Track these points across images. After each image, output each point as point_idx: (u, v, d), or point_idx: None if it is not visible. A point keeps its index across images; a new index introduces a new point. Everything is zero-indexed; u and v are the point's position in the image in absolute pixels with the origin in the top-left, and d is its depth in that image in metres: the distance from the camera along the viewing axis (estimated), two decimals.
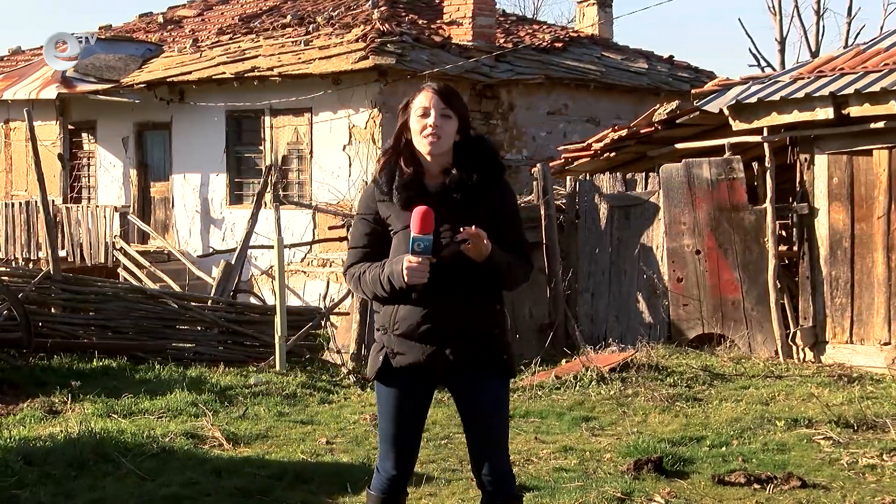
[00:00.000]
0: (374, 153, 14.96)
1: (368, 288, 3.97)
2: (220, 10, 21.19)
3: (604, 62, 17.92)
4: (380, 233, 4.01)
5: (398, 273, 3.81)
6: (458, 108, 3.97)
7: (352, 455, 7.03)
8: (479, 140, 4.05)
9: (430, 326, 3.91)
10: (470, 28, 16.40)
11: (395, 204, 3.94)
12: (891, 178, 9.92)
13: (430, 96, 3.94)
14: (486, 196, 3.95)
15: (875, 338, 10.06)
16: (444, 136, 3.92)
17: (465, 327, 3.93)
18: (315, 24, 17.08)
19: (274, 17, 18.69)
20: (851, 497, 5.92)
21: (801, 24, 28.87)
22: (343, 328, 11.29)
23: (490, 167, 4.00)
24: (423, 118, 3.93)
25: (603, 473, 6.46)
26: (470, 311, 3.94)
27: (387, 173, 3.98)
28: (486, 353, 4.01)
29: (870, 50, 10.65)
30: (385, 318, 4.00)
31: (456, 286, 3.89)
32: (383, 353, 4.01)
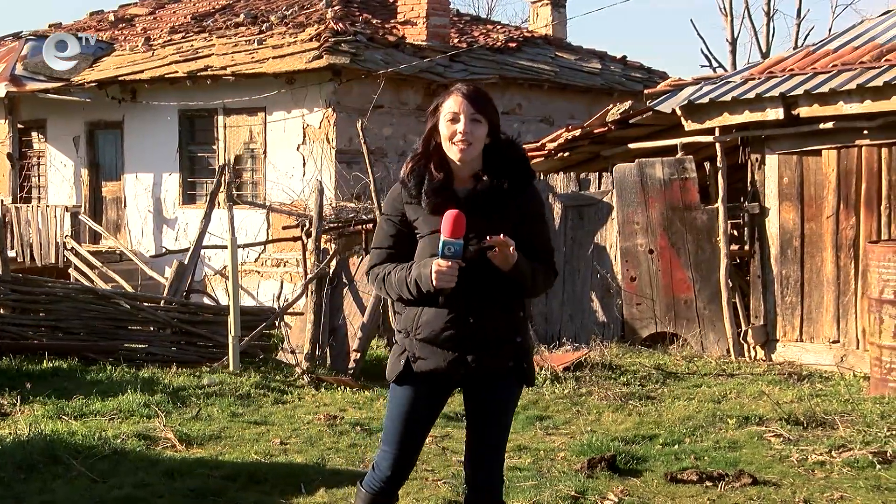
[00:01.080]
0: (328, 153, 14.91)
1: (394, 289, 3.92)
2: (173, 9, 21.03)
3: (558, 62, 17.99)
4: (405, 234, 3.96)
5: (426, 276, 3.77)
6: (489, 111, 3.91)
7: (306, 455, 7.00)
8: (508, 144, 4.00)
9: (454, 332, 3.87)
10: (424, 28, 16.40)
11: (422, 208, 3.89)
12: (839, 178, 10.04)
13: (459, 101, 3.88)
14: (515, 202, 3.91)
15: (824, 336, 10.18)
16: (474, 143, 3.87)
17: (489, 334, 3.90)
18: (269, 24, 17.00)
19: (227, 16, 18.57)
20: (801, 493, 5.99)
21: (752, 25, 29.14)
22: (297, 328, 11.25)
23: (519, 173, 3.96)
24: (452, 123, 3.87)
25: (557, 472, 6.48)
26: (494, 318, 3.91)
27: (416, 176, 3.92)
28: (507, 361, 3.98)
29: (819, 51, 10.78)
30: (407, 322, 3.95)
31: (481, 292, 3.86)
32: (405, 356, 3.96)
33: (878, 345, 8.95)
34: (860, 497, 5.92)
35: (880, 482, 6.18)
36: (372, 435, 7.64)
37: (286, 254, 15.22)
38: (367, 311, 10.70)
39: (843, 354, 9.99)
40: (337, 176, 14.61)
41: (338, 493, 6.07)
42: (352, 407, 8.75)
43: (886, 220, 9.74)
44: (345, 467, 6.72)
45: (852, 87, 9.57)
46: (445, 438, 7.57)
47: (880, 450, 6.73)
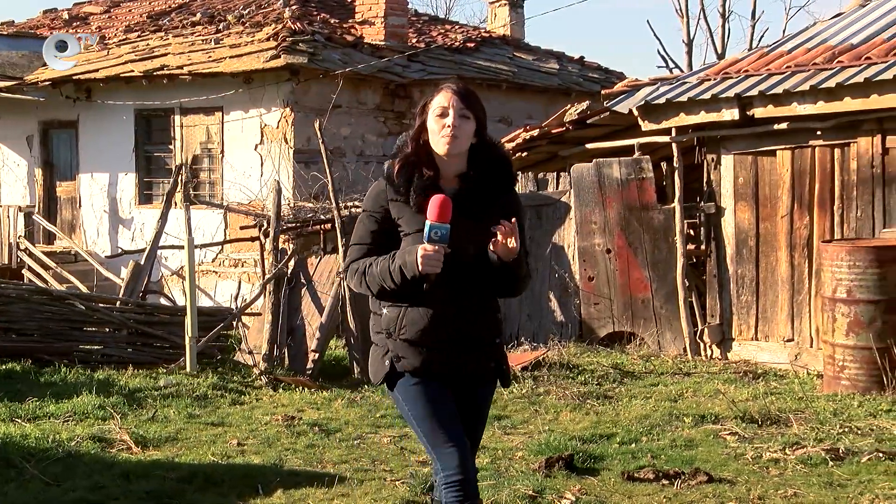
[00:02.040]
0: (286, 153, 14.85)
1: (376, 281, 3.86)
2: (128, 8, 20.85)
3: (516, 62, 18.03)
4: (386, 231, 3.93)
5: (412, 262, 3.73)
6: (477, 109, 3.91)
7: (263, 456, 6.98)
8: (493, 146, 4.00)
9: (438, 333, 3.86)
10: (382, 28, 16.37)
11: (409, 206, 3.87)
12: (794, 179, 10.15)
13: (449, 96, 3.89)
14: (498, 203, 3.93)
15: (779, 335, 10.28)
16: (462, 137, 3.87)
17: (474, 336, 3.91)
18: (226, 23, 16.90)
19: (183, 15, 18.44)
20: (756, 490, 6.05)
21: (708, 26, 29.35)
22: (255, 329, 11.20)
23: (502, 175, 3.97)
24: (441, 118, 3.87)
25: (515, 472, 6.50)
26: (478, 319, 3.91)
27: (404, 174, 3.89)
28: (490, 362, 3.99)
29: (773, 53, 10.88)
30: (389, 322, 3.91)
31: (464, 292, 3.86)
32: (388, 357, 3.93)
33: (831, 343, 9.05)
34: (813, 493, 5.99)
35: (833, 479, 6.25)
36: (330, 435, 7.63)
37: (244, 254, 15.15)
38: (325, 311, 10.67)
39: (797, 353, 10.09)
40: (295, 176, 14.56)
41: (295, 494, 6.05)
42: (310, 407, 8.73)
43: (839, 219, 9.85)
44: (302, 468, 6.70)
45: (806, 88, 9.67)
46: (403, 438, 7.58)
47: (833, 447, 6.82)
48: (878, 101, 9.27)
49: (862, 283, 8.86)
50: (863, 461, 6.53)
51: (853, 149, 9.74)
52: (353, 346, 10.56)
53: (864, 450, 6.74)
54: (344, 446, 7.30)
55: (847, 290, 8.91)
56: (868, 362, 8.76)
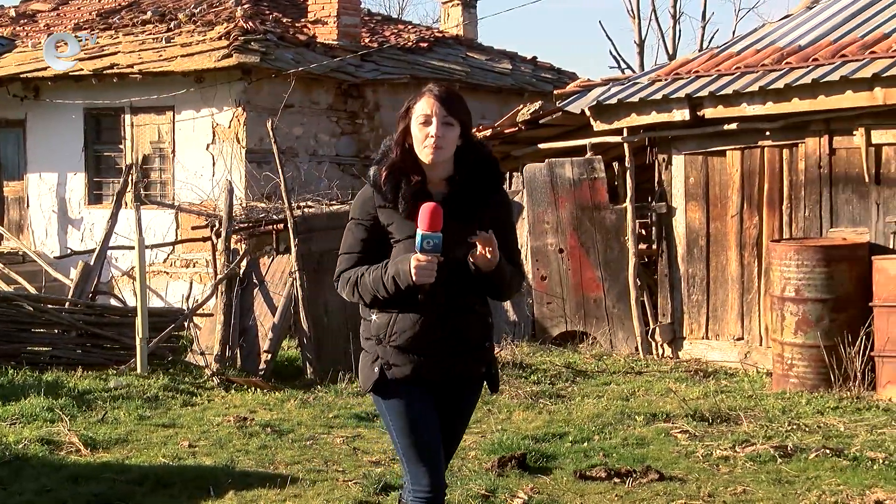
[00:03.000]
0: (238, 152, 14.77)
1: (369, 290, 3.83)
2: (77, 5, 20.62)
3: (469, 62, 18.05)
4: (376, 239, 3.89)
5: (405, 272, 3.70)
6: (460, 113, 3.87)
7: (215, 458, 6.93)
8: (479, 146, 3.97)
9: (429, 339, 3.83)
10: (335, 27, 16.32)
11: (398, 212, 3.83)
12: (743, 179, 10.24)
13: (431, 103, 3.84)
14: (487, 205, 3.90)
15: (729, 333, 10.37)
16: (446, 146, 3.83)
17: (464, 340, 3.88)
18: (177, 21, 16.77)
19: (133, 14, 18.27)
20: (706, 488, 6.10)
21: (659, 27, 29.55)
22: (207, 329, 11.13)
23: (490, 176, 3.94)
24: (424, 126, 3.83)
25: (468, 471, 6.51)
26: (469, 323, 3.89)
27: (391, 181, 3.85)
28: (481, 366, 3.97)
29: (723, 54, 10.98)
30: (379, 329, 3.88)
31: (454, 296, 3.83)
32: (378, 364, 3.88)
33: (780, 341, 9.16)
34: (762, 490, 6.06)
35: (781, 475, 6.33)
36: (283, 436, 7.60)
37: (196, 254, 15.04)
38: (278, 311, 10.63)
39: (746, 351, 10.19)
40: (247, 176, 14.48)
41: (247, 496, 6.02)
42: (262, 408, 8.69)
43: (788, 219, 9.96)
44: (255, 469, 6.67)
45: (755, 89, 9.77)
46: (357, 438, 7.57)
47: (781, 444, 6.90)
48: (825, 101, 9.38)
49: (810, 283, 8.96)
50: (810, 458, 6.61)
51: (801, 149, 9.85)
52: (306, 346, 10.53)
53: (811, 447, 6.82)
54: (296, 447, 7.28)
55: (795, 289, 9.02)
56: (816, 360, 8.87)
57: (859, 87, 9.15)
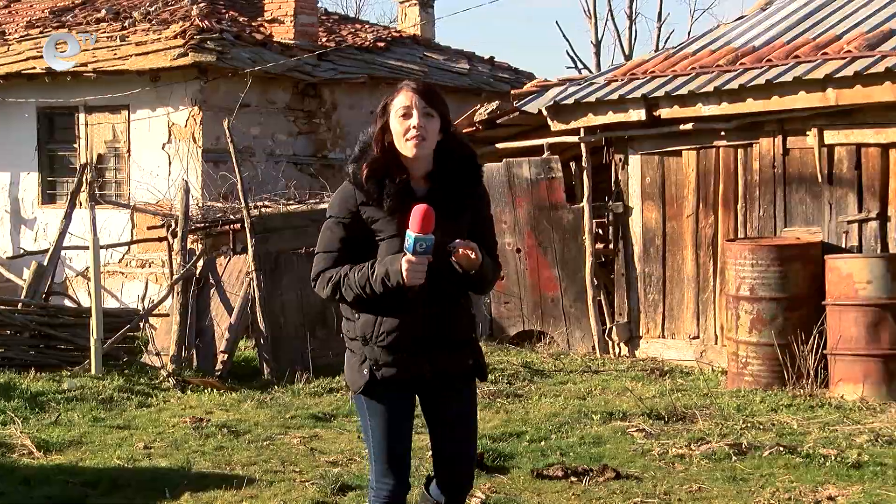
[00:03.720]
0: (194, 152, 14.67)
1: (353, 290, 3.79)
2: (29, 3, 20.38)
3: (426, 62, 18.03)
4: (356, 238, 3.85)
5: (395, 272, 3.68)
6: (440, 106, 3.85)
7: (170, 459, 6.89)
8: (459, 140, 3.96)
9: (417, 336, 3.82)
10: (292, 26, 16.24)
11: (382, 210, 3.80)
12: (699, 178, 10.32)
13: (410, 95, 3.82)
14: (469, 200, 3.89)
15: (685, 332, 10.45)
16: (428, 137, 3.81)
17: (452, 334, 3.88)
18: (131, 20, 16.62)
19: (87, 12, 18.07)
20: (662, 486, 6.15)
21: (616, 27, 29.68)
22: (163, 330, 11.05)
23: (469, 170, 3.92)
24: (405, 119, 3.80)
25: (425, 471, 6.50)
26: (455, 317, 3.89)
27: (374, 177, 3.81)
28: (468, 359, 3.96)
29: (678, 54, 11.05)
30: (366, 328, 3.85)
31: (439, 291, 3.81)
32: (367, 365, 3.86)
33: (735, 340, 9.24)
34: (717, 488, 6.11)
35: (736, 473, 6.39)
36: (239, 437, 7.56)
37: (151, 254, 14.92)
38: (234, 311, 10.58)
39: (702, 350, 10.27)
40: (204, 175, 14.38)
41: (203, 497, 5.99)
42: (219, 409, 8.64)
43: (743, 218, 10.05)
44: (211, 470, 6.64)
45: (710, 89, 9.85)
46: (314, 439, 7.55)
47: (736, 442, 6.96)
48: (779, 102, 9.47)
49: (764, 281, 9.05)
50: (764, 455, 6.68)
51: (755, 149, 9.94)
52: (263, 346, 10.49)
53: (765, 444, 6.89)
54: (253, 448, 7.25)
55: (750, 287, 9.10)
56: (770, 359, 8.95)
57: (812, 87, 9.25)
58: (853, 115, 9.29)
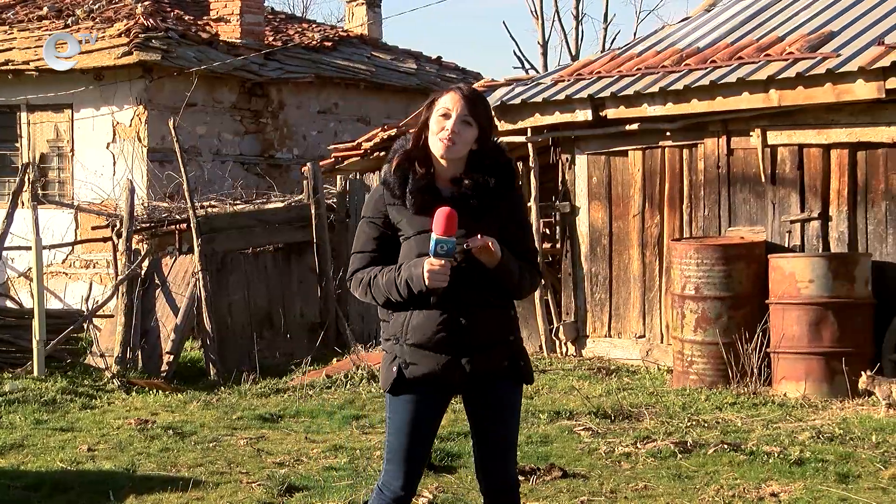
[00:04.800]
0: (139, 151, 14.55)
1: (381, 292, 3.80)
2: None
3: (374, 62, 18.02)
4: (388, 237, 3.86)
5: (419, 276, 3.67)
6: (482, 117, 3.84)
7: (115, 461, 6.82)
8: (495, 150, 3.93)
9: (446, 335, 3.78)
10: (238, 25, 16.17)
11: (407, 208, 3.79)
12: (645, 178, 10.39)
13: (456, 99, 3.81)
14: (499, 204, 3.86)
15: (631, 331, 10.51)
16: (459, 143, 3.80)
17: (482, 335, 3.83)
18: (74, 18, 16.43)
19: (29, 9, 17.84)
20: (608, 484, 6.19)
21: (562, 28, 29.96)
22: (107, 331, 10.95)
23: (502, 175, 3.89)
24: (444, 119, 3.80)
25: (373, 471, 6.50)
26: (486, 318, 3.83)
27: (399, 175, 3.82)
28: (502, 361, 3.90)
29: (624, 55, 11.12)
30: (396, 328, 3.84)
31: (471, 293, 3.78)
32: (396, 363, 3.84)
33: (680, 339, 9.32)
34: (662, 486, 6.16)
35: (681, 471, 6.44)
36: (185, 438, 7.51)
37: (96, 255, 14.77)
38: (180, 312, 10.51)
39: (648, 349, 10.34)
40: (149, 175, 14.27)
41: (148, 499, 5.94)
42: (164, 410, 8.58)
43: (688, 218, 10.13)
44: (156, 472, 6.58)
45: (655, 90, 9.92)
46: (260, 440, 7.51)
47: (681, 440, 7.02)
48: (723, 102, 9.56)
49: (709, 281, 9.14)
50: (709, 453, 6.74)
51: (700, 149, 10.03)
52: (210, 347, 10.43)
53: (710, 442, 6.95)
54: (199, 449, 7.20)
55: (695, 287, 9.18)
56: (715, 357, 9.03)
57: (755, 88, 9.35)
58: (795, 116, 9.41)
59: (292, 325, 11.41)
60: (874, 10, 9.91)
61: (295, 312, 11.52)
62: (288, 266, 11.64)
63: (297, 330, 11.44)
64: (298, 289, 11.62)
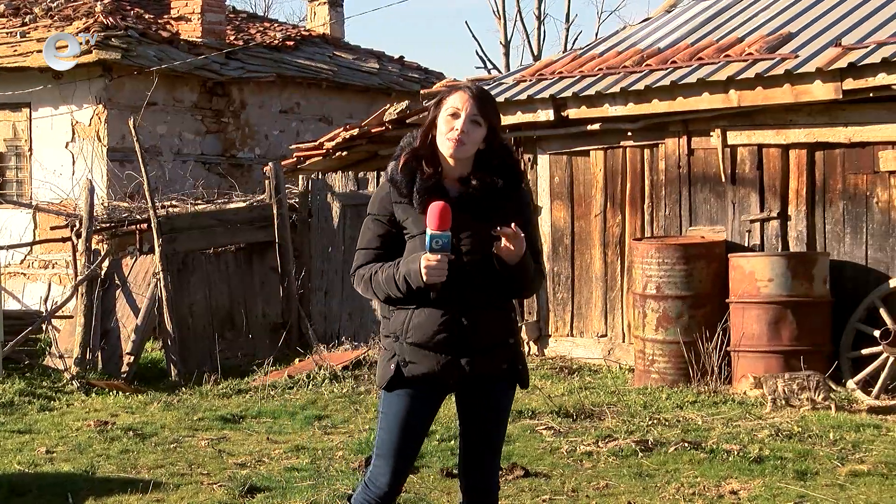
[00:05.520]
0: (99, 151, 14.43)
1: (382, 289, 3.80)
2: None
3: (336, 61, 17.97)
4: (394, 235, 3.85)
5: (416, 272, 3.67)
6: (491, 116, 3.83)
7: (74, 464, 6.76)
8: (502, 149, 3.92)
9: (447, 335, 3.77)
10: (199, 24, 16.07)
11: (413, 207, 3.78)
12: (606, 178, 10.44)
13: (464, 98, 3.80)
14: (506, 204, 3.84)
15: (593, 330, 10.55)
16: (468, 143, 3.79)
17: (483, 337, 3.81)
18: (32, 16, 16.27)
19: None
20: (570, 483, 6.21)
21: (524, 28, 29.90)
22: (66, 332, 10.85)
23: (509, 175, 3.88)
24: (452, 119, 3.79)
25: (335, 471, 6.49)
26: (488, 319, 3.81)
27: (406, 174, 3.82)
28: (502, 363, 3.88)
29: (586, 55, 11.16)
30: (396, 325, 3.83)
31: (474, 293, 3.77)
32: (394, 361, 3.82)
33: (642, 338, 9.36)
34: (624, 484, 6.19)
35: (642, 469, 6.47)
36: (145, 440, 7.46)
37: (55, 255, 14.64)
38: (140, 312, 10.44)
39: (610, 348, 10.38)
40: (109, 174, 14.16)
41: (107, 501, 5.90)
42: (124, 412, 8.52)
43: (649, 217, 10.18)
44: (116, 474, 6.53)
45: (616, 90, 9.96)
46: (222, 441, 7.47)
47: (642, 438, 7.05)
48: (683, 103, 9.62)
49: (670, 280, 9.19)
50: (670, 451, 6.78)
51: (661, 149, 10.08)
52: (170, 347, 10.36)
53: (671, 441, 6.99)
54: (160, 451, 7.15)
55: (656, 286, 9.23)
56: (676, 356, 9.09)
57: (715, 89, 9.41)
58: (754, 117, 9.49)
59: (254, 326, 11.37)
60: (832, 11, 10.01)
61: (257, 312, 11.48)
62: (250, 266, 11.60)
63: (259, 330, 11.40)
64: (260, 289, 11.58)
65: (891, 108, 8.74)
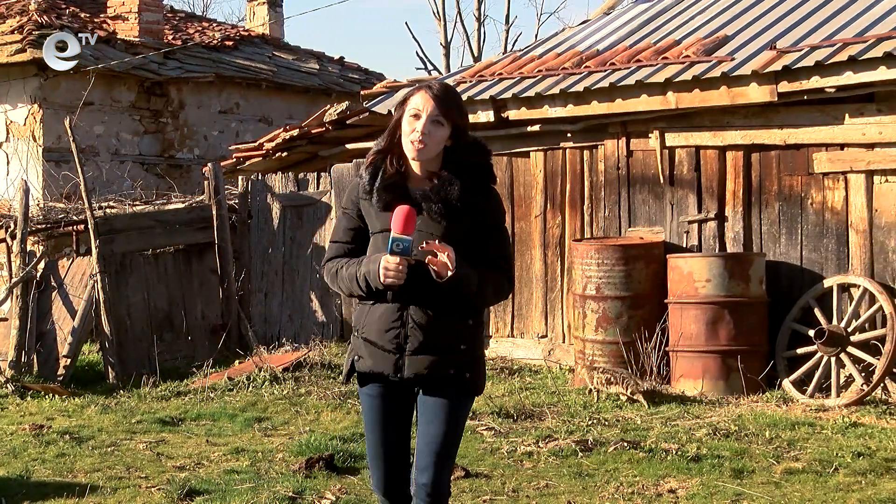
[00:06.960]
0: (34, 151, 14.23)
1: (346, 284, 3.84)
2: None
3: (275, 62, 17.88)
4: (362, 229, 3.89)
5: (374, 273, 3.68)
6: (454, 115, 3.80)
7: (8, 468, 6.66)
8: (473, 147, 3.87)
9: (394, 335, 3.78)
10: (136, 23, 15.91)
11: (373, 204, 3.80)
12: (546, 179, 10.49)
13: (426, 98, 3.77)
14: (472, 206, 3.80)
15: (534, 331, 10.61)
16: (430, 144, 3.77)
17: (428, 340, 3.78)
18: None
19: None
20: (510, 483, 6.23)
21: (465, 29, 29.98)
22: (1, 335, 10.68)
23: (478, 173, 3.84)
24: (414, 120, 3.77)
25: (275, 473, 6.46)
26: (436, 322, 3.78)
27: (371, 171, 3.83)
28: (448, 369, 3.83)
29: (525, 57, 11.22)
30: (358, 320, 3.90)
31: (427, 296, 3.75)
32: (352, 355, 3.90)
33: (582, 338, 9.42)
34: (564, 484, 6.22)
35: (582, 469, 6.52)
36: (82, 443, 7.37)
37: None
38: (77, 315, 10.31)
39: (550, 348, 10.44)
40: (45, 175, 13.97)
41: None
42: (60, 415, 8.41)
43: (589, 218, 10.26)
44: (51, 478, 6.45)
45: (556, 91, 10.02)
46: (161, 444, 7.41)
47: (582, 438, 7.10)
48: (622, 105, 9.70)
49: (610, 280, 9.26)
50: (609, 451, 6.83)
51: (601, 151, 10.16)
52: (108, 350, 10.25)
53: (610, 440, 7.05)
54: (97, 454, 7.07)
55: (596, 286, 9.30)
56: (615, 356, 9.15)
57: (653, 91, 9.50)
58: (692, 119, 9.59)
59: (193, 327, 11.28)
60: (767, 14, 10.15)
61: (196, 314, 11.38)
62: (189, 267, 11.50)
63: (199, 332, 11.31)
64: (199, 290, 11.49)
65: (824, 111, 8.88)
